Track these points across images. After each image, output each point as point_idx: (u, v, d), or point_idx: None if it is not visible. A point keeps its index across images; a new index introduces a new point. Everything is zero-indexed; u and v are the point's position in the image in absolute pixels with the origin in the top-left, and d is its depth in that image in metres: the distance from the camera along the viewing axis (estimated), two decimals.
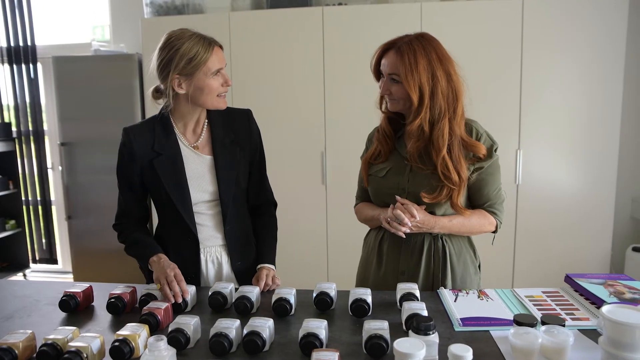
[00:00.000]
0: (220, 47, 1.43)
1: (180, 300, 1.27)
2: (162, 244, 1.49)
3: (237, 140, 1.53)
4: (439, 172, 1.38)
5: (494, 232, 1.52)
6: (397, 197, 1.41)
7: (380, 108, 1.54)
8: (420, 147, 1.42)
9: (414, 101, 1.36)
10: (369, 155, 1.56)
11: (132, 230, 1.52)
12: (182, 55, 1.35)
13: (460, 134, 1.40)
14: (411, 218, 1.35)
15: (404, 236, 1.38)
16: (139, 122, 1.54)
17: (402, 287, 1.29)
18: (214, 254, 1.53)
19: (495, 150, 1.44)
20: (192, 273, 1.51)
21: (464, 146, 1.41)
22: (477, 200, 1.48)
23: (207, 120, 1.53)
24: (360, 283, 1.61)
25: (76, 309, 1.29)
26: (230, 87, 1.46)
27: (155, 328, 1.15)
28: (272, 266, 1.53)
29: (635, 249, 3.17)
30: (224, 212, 1.50)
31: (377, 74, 1.48)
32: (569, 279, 1.39)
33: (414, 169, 1.45)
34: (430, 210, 1.43)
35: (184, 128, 1.51)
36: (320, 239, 3.35)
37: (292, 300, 1.25)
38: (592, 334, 1.08)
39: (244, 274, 1.54)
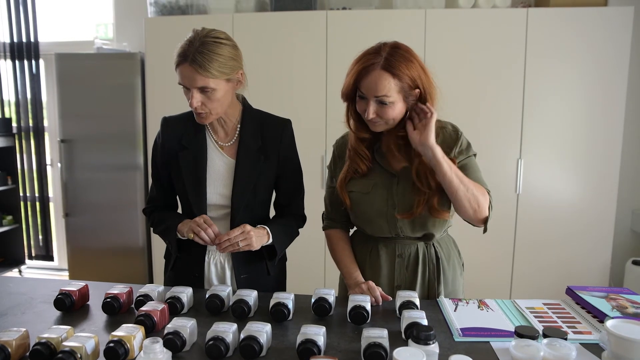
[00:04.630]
0: (192, 66, 1.27)
1: (217, 242, 1.33)
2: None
3: (264, 148, 1.48)
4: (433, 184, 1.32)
5: (486, 221, 1.34)
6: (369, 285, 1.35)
7: (350, 127, 1.41)
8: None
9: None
10: (343, 175, 1.44)
11: (160, 211, 1.55)
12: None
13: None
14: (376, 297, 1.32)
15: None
16: (180, 113, 1.53)
17: (402, 295, 1.28)
18: (217, 258, 1.51)
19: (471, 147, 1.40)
20: (196, 272, 1.50)
21: (447, 146, 1.35)
22: None
23: (240, 124, 1.50)
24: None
25: (71, 308, 1.28)
26: None
27: (151, 330, 1.13)
28: (266, 229, 1.42)
29: (635, 262, 3.16)
30: (232, 219, 1.46)
31: (349, 95, 1.35)
32: (570, 291, 1.37)
33: (401, 181, 1.39)
34: (425, 220, 1.38)
35: (214, 125, 1.49)
36: (319, 244, 3.32)
37: (290, 305, 1.23)
38: (595, 349, 1.07)
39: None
